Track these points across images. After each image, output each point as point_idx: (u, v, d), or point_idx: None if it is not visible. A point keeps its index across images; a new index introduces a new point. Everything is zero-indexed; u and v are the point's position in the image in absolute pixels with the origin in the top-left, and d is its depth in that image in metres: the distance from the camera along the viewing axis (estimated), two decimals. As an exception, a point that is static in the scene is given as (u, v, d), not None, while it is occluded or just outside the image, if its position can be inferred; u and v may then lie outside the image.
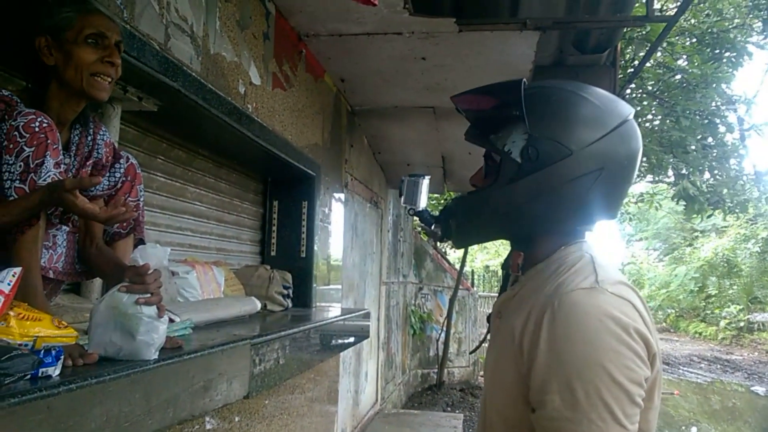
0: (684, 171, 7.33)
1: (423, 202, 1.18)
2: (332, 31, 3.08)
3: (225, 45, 2.29)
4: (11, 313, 1.00)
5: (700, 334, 20.23)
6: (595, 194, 0.93)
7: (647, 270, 25.55)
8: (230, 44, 2.33)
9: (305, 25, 3.04)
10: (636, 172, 0.99)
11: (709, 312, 20.67)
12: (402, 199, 1.19)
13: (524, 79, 0.98)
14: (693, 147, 6.96)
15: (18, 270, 1.03)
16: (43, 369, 0.98)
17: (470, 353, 10.44)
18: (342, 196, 4.26)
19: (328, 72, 3.72)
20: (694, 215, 8.36)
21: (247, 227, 3.28)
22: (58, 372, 1.02)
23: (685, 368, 14.20)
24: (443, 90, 3.90)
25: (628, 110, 0.97)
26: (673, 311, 23.04)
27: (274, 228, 3.46)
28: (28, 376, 0.94)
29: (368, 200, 5.43)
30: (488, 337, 1.09)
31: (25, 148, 1.18)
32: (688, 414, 9.82)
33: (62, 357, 1.04)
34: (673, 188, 7.38)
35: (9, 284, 1.00)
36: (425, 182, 1.21)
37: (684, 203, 7.75)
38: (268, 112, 2.75)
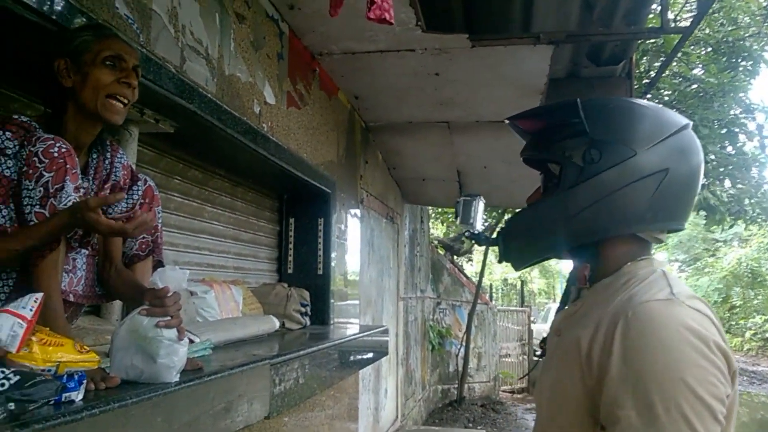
0: (704, 181, 7.25)
1: (479, 224, 1.17)
2: (345, 49, 3.10)
3: (240, 66, 2.31)
4: (34, 338, 1.01)
5: (727, 345, 19.83)
6: (659, 198, 0.91)
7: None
8: (245, 65, 2.36)
9: (318, 44, 3.07)
10: (700, 180, 0.96)
11: (733, 323, 20.28)
12: (458, 220, 1.17)
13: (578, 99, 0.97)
14: (712, 156, 6.87)
15: (39, 295, 1.04)
16: (66, 394, 0.98)
17: (522, 377, 10.32)
18: (358, 212, 4.26)
19: (342, 89, 3.74)
20: (716, 225, 8.23)
21: (264, 245, 3.29)
22: (81, 396, 1.02)
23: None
24: (457, 105, 3.90)
25: (685, 120, 0.97)
26: (697, 323, 22.59)
27: (291, 245, 3.47)
28: (52, 402, 0.95)
29: (384, 216, 5.42)
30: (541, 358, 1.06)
31: (45, 173, 1.19)
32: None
33: (85, 381, 1.04)
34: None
35: (31, 310, 1.00)
36: (481, 203, 1.19)
37: (705, 213, 7.64)
38: (283, 130, 2.77)
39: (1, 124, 1.22)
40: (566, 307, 1.04)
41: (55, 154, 1.20)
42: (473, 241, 1.15)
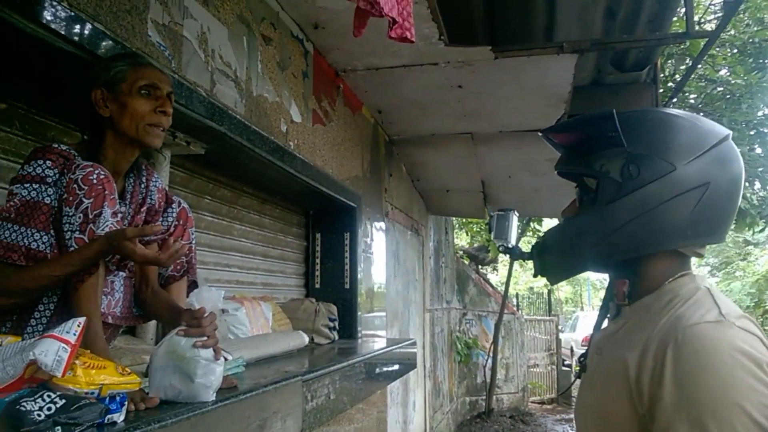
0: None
1: (514, 238, 1.16)
2: (368, 65, 3.13)
3: (267, 86, 2.35)
4: (77, 362, 1.03)
5: (761, 352, 19.30)
6: (700, 213, 0.89)
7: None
8: (271, 85, 2.40)
9: (342, 62, 3.10)
10: (741, 193, 0.94)
11: (767, 327, 19.76)
12: (492, 235, 1.17)
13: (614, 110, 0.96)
14: (743, 159, 6.75)
15: (82, 320, 1.06)
16: (109, 416, 1.01)
17: (559, 395, 10.19)
18: (383, 225, 4.28)
19: (366, 104, 3.77)
20: (746, 229, 8.05)
21: (292, 261, 3.32)
22: (122, 418, 1.05)
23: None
24: (480, 116, 3.90)
25: (726, 131, 0.95)
26: (730, 329, 22.07)
27: (318, 260, 3.49)
28: (96, 424, 0.97)
29: (409, 228, 5.43)
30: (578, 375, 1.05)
31: (84, 199, 1.22)
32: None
33: (126, 403, 1.06)
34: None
35: (75, 334, 1.03)
36: (514, 217, 1.19)
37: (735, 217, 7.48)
38: (309, 147, 2.80)
39: (41, 153, 1.26)
40: (606, 325, 1.03)
41: (94, 181, 1.23)
42: (508, 255, 1.14)
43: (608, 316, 1.06)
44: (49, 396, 0.94)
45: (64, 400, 0.94)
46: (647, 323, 0.88)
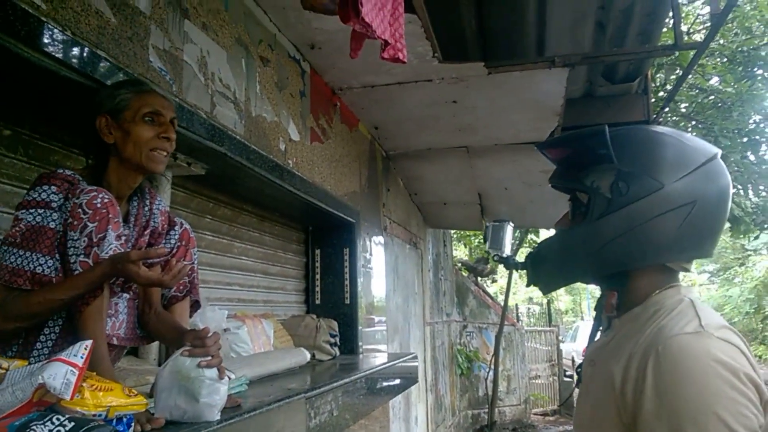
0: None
1: (508, 248, 1.19)
2: (364, 83, 3.18)
3: (265, 106, 2.39)
4: (85, 384, 1.05)
5: (761, 357, 19.26)
6: (687, 229, 0.92)
7: (699, 292, 24.65)
8: (270, 105, 2.43)
9: (339, 80, 3.15)
10: (728, 210, 0.97)
11: (767, 333, 19.70)
12: (488, 245, 1.20)
13: (607, 126, 1.00)
14: (735, 167, 6.80)
15: (89, 343, 1.08)
16: (117, 437, 1.02)
17: (559, 406, 10.17)
18: (382, 239, 4.30)
19: (362, 121, 3.81)
20: (741, 236, 8.09)
21: (292, 277, 3.34)
22: (129, 439, 1.06)
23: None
24: (475, 130, 3.95)
25: (714, 149, 0.98)
26: (730, 335, 22.04)
27: (318, 276, 3.51)
28: (104, 446, 0.98)
29: (407, 242, 5.45)
30: (576, 387, 1.08)
31: (89, 223, 1.25)
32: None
33: (133, 424, 1.08)
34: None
35: (82, 357, 1.04)
36: (509, 228, 1.23)
37: (729, 225, 7.53)
38: (307, 165, 2.83)
39: (46, 179, 1.28)
40: (598, 337, 1.06)
41: (98, 205, 1.26)
42: (502, 265, 1.17)
43: (601, 328, 1.08)
44: (58, 419, 0.95)
45: (73, 423, 0.96)
46: (633, 334, 0.92)
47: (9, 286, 1.21)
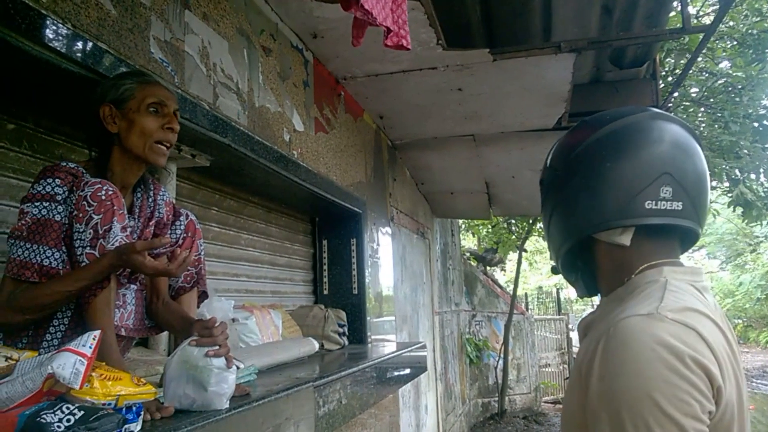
0: (738, 176, 7.07)
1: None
2: (368, 72, 3.16)
3: (268, 97, 2.38)
4: (94, 374, 1.06)
5: (774, 343, 19.19)
6: (596, 195, 0.94)
7: (710, 279, 24.50)
8: (273, 96, 2.43)
9: (342, 69, 3.13)
10: (652, 167, 0.91)
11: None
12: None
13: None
14: (746, 151, 6.72)
15: (97, 333, 1.09)
16: (126, 426, 1.03)
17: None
18: (389, 229, 4.30)
19: (367, 110, 3.80)
20: (753, 221, 8.01)
21: (299, 268, 3.34)
22: (138, 427, 1.07)
23: (759, 381, 13.46)
24: (481, 117, 3.93)
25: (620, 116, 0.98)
26: (741, 321, 21.95)
27: (325, 266, 3.52)
28: (114, 434, 0.99)
29: (415, 231, 5.45)
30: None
31: (94, 216, 1.25)
32: (766, 430, 9.25)
33: (142, 413, 1.09)
34: (729, 195, 7.11)
35: (90, 347, 1.05)
36: None
37: (741, 209, 7.46)
38: (312, 155, 2.83)
39: (50, 172, 1.29)
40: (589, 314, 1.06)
41: (103, 197, 1.26)
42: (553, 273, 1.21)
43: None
44: (67, 408, 0.96)
45: (82, 412, 0.97)
46: (605, 316, 0.91)
47: (17, 278, 1.22)
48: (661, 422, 0.73)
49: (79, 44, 1.39)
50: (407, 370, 3.27)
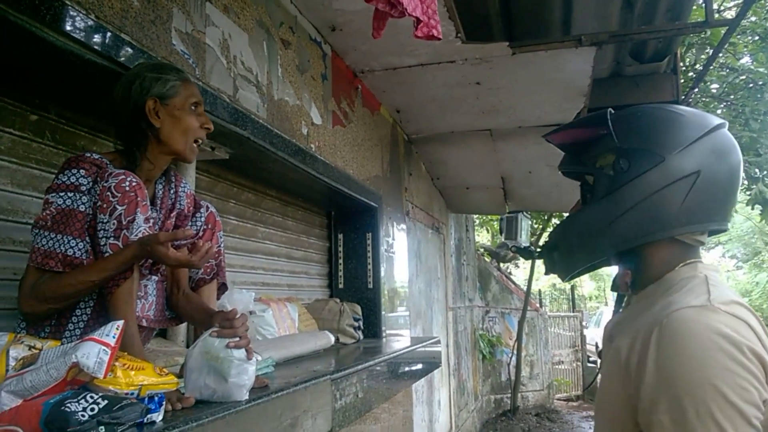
0: (758, 174, 6.97)
1: (525, 238, 1.21)
2: (386, 65, 3.15)
3: (287, 90, 2.38)
4: (117, 363, 1.06)
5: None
6: (693, 200, 0.91)
7: (726, 278, 24.20)
8: (292, 89, 2.43)
9: (360, 63, 3.12)
10: (740, 179, 0.96)
11: (797, 319, 19.36)
12: (503, 236, 1.22)
13: (610, 109, 1.00)
14: (766, 148, 6.62)
15: (120, 323, 1.09)
16: (149, 416, 1.03)
17: (583, 391, 10.19)
18: (404, 224, 4.29)
19: (384, 104, 3.79)
20: (772, 219, 7.89)
21: (315, 262, 3.35)
22: (160, 417, 1.07)
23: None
24: (499, 112, 3.90)
25: (718, 120, 0.97)
26: (759, 321, 21.68)
27: (341, 260, 3.52)
28: (137, 423, 1.00)
29: (430, 226, 5.43)
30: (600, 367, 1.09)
31: (118, 206, 1.26)
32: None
33: (164, 403, 1.09)
34: (748, 193, 7.01)
35: (114, 337, 1.06)
36: (524, 218, 1.25)
37: (760, 208, 7.36)
38: (329, 149, 2.82)
39: (75, 163, 1.29)
40: (617, 314, 1.06)
41: (127, 188, 1.26)
42: (520, 255, 1.19)
43: (623, 305, 1.09)
44: (91, 397, 0.97)
45: (106, 401, 0.97)
46: (645, 310, 0.92)
47: (41, 268, 1.23)
48: (724, 409, 0.75)
49: (102, 35, 1.39)
50: (422, 365, 3.27)
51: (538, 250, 1.16)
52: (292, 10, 2.47)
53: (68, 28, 1.29)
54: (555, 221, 10.28)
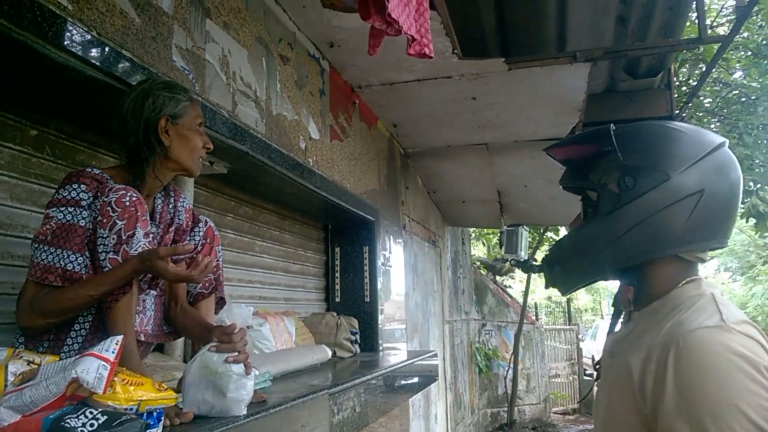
0: (752, 187, 7.02)
1: (524, 251, 1.21)
2: (383, 80, 3.18)
3: (286, 105, 2.40)
4: (116, 379, 1.06)
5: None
6: (697, 218, 0.92)
7: (722, 291, 24.15)
8: (290, 104, 2.45)
9: (358, 78, 3.15)
10: (740, 197, 0.97)
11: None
12: (503, 249, 1.22)
13: (612, 124, 1.00)
14: (758, 161, 6.68)
15: (120, 338, 1.10)
16: (148, 431, 1.03)
17: (578, 402, 10.15)
18: (401, 237, 4.30)
19: (381, 119, 3.81)
20: (766, 232, 7.93)
21: (312, 275, 3.35)
22: (159, 433, 1.07)
23: None
24: (495, 126, 3.93)
25: (720, 139, 0.98)
26: (754, 334, 21.67)
27: (338, 274, 3.52)
28: (136, 439, 1.00)
29: (426, 240, 5.44)
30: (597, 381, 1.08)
31: (118, 221, 1.26)
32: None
33: (162, 418, 1.09)
34: (742, 206, 7.06)
35: (113, 352, 1.06)
36: (523, 232, 1.24)
37: (755, 221, 7.40)
38: (327, 163, 2.84)
39: (75, 177, 1.30)
40: (617, 329, 1.06)
41: (127, 203, 1.27)
42: (520, 269, 1.19)
43: (621, 320, 1.09)
44: (91, 412, 0.97)
45: (105, 416, 0.97)
46: (652, 328, 0.92)
47: (40, 282, 1.23)
48: (747, 429, 0.75)
49: (104, 52, 1.40)
50: (419, 379, 3.26)
51: (539, 264, 1.16)
52: (291, 26, 2.50)
53: (70, 44, 1.31)
54: (551, 235, 10.32)
